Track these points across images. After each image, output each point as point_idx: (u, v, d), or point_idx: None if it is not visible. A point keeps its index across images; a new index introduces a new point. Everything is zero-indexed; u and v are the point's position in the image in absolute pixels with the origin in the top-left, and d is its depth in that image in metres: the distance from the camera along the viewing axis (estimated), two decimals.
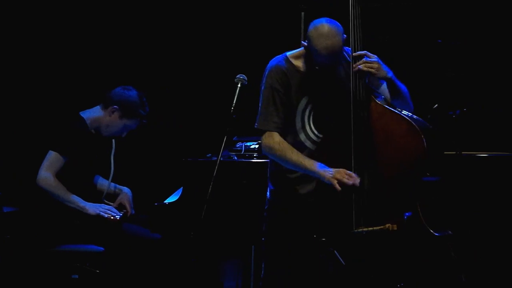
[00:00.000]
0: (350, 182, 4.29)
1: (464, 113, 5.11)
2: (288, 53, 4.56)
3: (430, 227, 4.29)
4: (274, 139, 4.46)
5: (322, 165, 4.38)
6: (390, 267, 4.32)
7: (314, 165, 4.39)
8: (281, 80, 4.48)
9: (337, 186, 4.29)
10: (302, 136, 4.53)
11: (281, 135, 4.48)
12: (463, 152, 5.14)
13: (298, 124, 4.52)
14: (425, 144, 4.29)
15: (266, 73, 4.52)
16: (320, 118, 4.53)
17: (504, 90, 6.00)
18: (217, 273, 5.86)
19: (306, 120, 4.53)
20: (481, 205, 5.28)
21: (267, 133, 4.48)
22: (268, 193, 4.66)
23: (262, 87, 4.52)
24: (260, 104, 4.52)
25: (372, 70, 4.41)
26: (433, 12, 6.21)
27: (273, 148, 4.46)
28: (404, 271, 4.31)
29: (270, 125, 4.47)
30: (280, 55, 4.57)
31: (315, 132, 4.54)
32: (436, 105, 5.00)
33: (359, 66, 4.39)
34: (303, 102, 4.51)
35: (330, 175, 4.32)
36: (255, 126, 4.52)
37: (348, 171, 4.33)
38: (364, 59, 4.41)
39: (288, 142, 4.48)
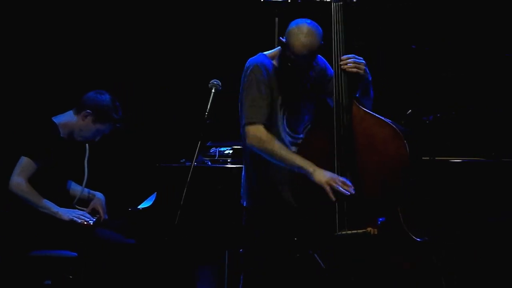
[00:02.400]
0: (347, 192, 4.28)
1: (438, 118, 5.12)
2: (265, 53, 4.57)
3: (411, 232, 4.31)
4: (262, 131, 4.39)
5: (309, 162, 4.36)
6: (372, 271, 4.34)
7: (301, 161, 4.36)
8: (266, 75, 4.47)
9: (331, 195, 4.28)
10: (283, 134, 4.53)
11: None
12: (436, 158, 5.17)
13: (280, 122, 4.52)
14: (407, 148, 4.31)
15: (250, 68, 4.48)
16: (294, 119, 4.55)
17: (478, 95, 6.02)
18: (191, 278, 5.84)
19: (281, 119, 4.52)
20: (455, 210, 5.30)
21: (255, 125, 4.41)
22: (245, 202, 4.62)
23: (245, 83, 4.47)
24: (244, 98, 4.45)
25: (360, 71, 4.44)
26: (409, 17, 6.24)
27: (262, 140, 4.39)
28: (385, 275, 4.32)
29: (258, 118, 4.41)
30: (258, 54, 4.57)
31: (289, 131, 4.54)
32: (410, 110, 5.01)
33: (348, 65, 4.41)
34: (279, 101, 4.51)
35: (324, 178, 4.30)
36: (243, 123, 4.44)
37: (342, 178, 4.32)
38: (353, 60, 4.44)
39: None
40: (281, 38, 4.47)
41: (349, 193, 4.28)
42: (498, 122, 5.77)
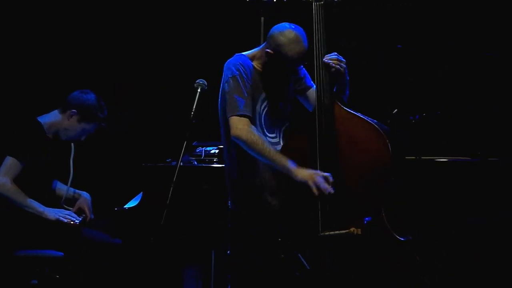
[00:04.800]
0: (327, 190, 4.27)
1: (424, 118, 5.13)
2: (244, 53, 4.57)
3: (395, 232, 4.31)
4: (250, 124, 4.38)
5: (293, 162, 4.35)
6: (355, 271, 4.34)
7: (286, 161, 4.34)
8: (249, 73, 4.47)
9: (315, 190, 4.26)
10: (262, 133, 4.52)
11: None
12: (422, 157, 5.18)
13: (256, 121, 4.51)
14: (389, 148, 4.31)
15: (233, 66, 4.46)
16: (271, 120, 4.55)
17: (463, 95, 6.04)
18: (177, 278, 5.84)
19: (261, 119, 4.53)
20: (440, 210, 5.31)
21: (243, 118, 4.38)
22: (230, 203, 4.62)
23: (229, 79, 4.44)
24: (230, 93, 4.41)
25: (341, 69, 4.42)
26: (393, 17, 6.25)
27: (250, 131, 4.36)
28: (369, 274, 4.33)
29: (247, 110, 4.39)
30: (236, 55, 4.56)
31: (266, 132, 4.54)
32: (396, 110, 5.02)
33: (330, 62, 4.39)
34: (259, 101, 4.52)
35: (307, 174, 4.29)
36: (229, 115, 4.39)
37: (325, 174, 4.30)
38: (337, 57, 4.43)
39: None
40: (267, 50, 4.44)
41: (329, 191, 4.27)
42: (484, 121, 5.78)
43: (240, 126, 4.37)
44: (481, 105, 5.83)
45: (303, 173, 4.30)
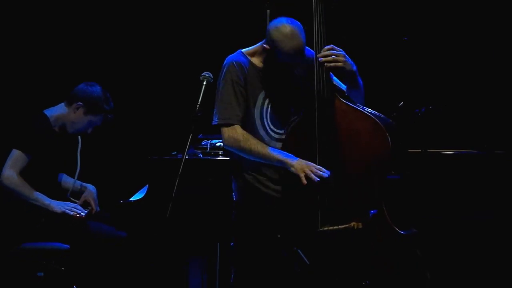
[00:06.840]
0: (317, 179, 4.28)
1: (430, 110, 5.13)
2: (243, 50, 4.57)
3: (396, 225, 4.30)
4: (237, 131, 4.44)
5: (288, 154, 4.38)
6: (356, 265, 4.33)
7: (279, 155, 4.39)
8: (241, 74, 4.47)
9: (303, 179, 4.29)
10: (262, 131, 4.53)
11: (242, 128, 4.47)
12: (428, 150, 5.18)
13: (258, 120, 4.52)
14: (389, 141, 4.30)
15: (225, 68, 4.50)
16: (277, 115, 4.54)
17: (469, 88, 6.03)
18: (183, 270, 5.85)
19: (264, 116, 4.52)
20: (447, 203, 5.31)
21: (230, 127, 4.45)
22: (234, 195, 4.62)
23: (221, 83, 4.50)
24: (219, 99, 4.49)
25: (339, 64, 4.40)
26: (398, 10, 6.24)
27: (238, 140, 4.43)
28: (370, 269, 4.32)
29: (233, 118, 4.45)
30: (236, 52, 4.57)
31: (272, 128, 4.54)
32: (402, 102, 5.01)
33: (327, 62, 4.38)
34: (261, 98, 4.52)
35: (299, 166, 4.32)
36: (215, 123, 4.50)
37: (317, 166, 4.32)
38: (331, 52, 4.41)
39: None
40: (264, 45, 4.45)
41: (319, 179, 4.27)
42: (490, 114, 5.78)
43: (226, 136, 4.46)
44: (487, 98, 5.83)
45: (296, 165, 4.34)
